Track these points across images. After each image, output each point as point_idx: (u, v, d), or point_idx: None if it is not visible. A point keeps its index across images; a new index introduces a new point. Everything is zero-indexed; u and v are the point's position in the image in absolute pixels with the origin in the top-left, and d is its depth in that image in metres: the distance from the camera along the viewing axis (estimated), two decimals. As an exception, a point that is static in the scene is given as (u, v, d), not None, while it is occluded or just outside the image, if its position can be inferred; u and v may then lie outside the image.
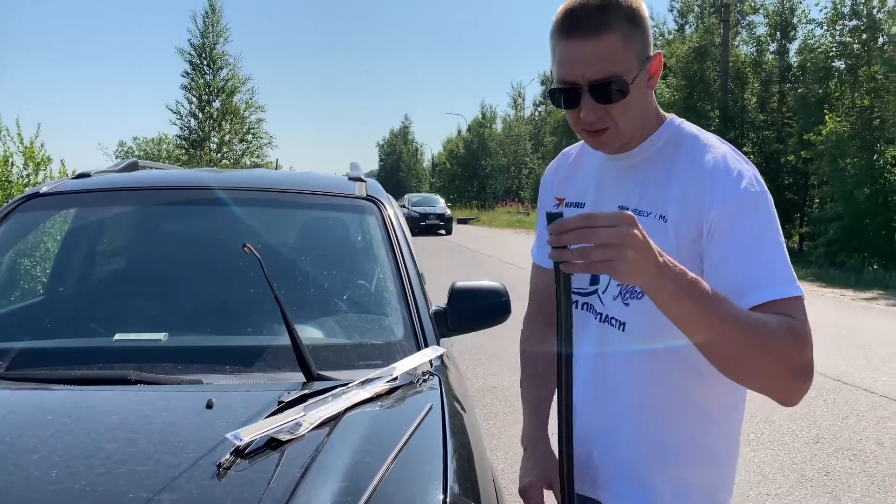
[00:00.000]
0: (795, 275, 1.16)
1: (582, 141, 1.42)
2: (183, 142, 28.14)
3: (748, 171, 1.20)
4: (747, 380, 1.14)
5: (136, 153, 29.40)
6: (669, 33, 34.82)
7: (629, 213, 1.00)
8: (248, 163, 28.66)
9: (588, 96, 1.20)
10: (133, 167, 3.01)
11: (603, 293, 1.32)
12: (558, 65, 1.22)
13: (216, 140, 28.00)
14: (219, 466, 1.25)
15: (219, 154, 27.62)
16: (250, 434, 1.33)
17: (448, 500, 1.22)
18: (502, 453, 4.17)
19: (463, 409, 1.73)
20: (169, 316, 2.02)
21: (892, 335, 8.03)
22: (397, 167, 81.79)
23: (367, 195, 2.48)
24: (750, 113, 22.53)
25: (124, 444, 1.34)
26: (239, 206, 2.43)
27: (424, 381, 1.71)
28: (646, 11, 1.24)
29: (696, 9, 31.09)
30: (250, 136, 28.71)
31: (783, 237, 1.19)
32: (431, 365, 1.82)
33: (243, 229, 2.44)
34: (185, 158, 26.91)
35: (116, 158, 29.07)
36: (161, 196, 2.41)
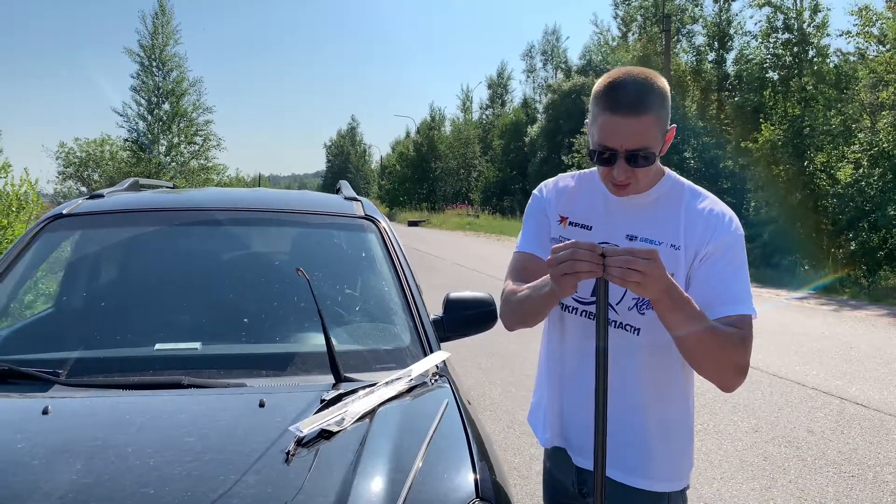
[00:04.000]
0: (752, 297, 1.58)
1: (580, 172, 1.81)
2: (132, 145, 27.64)
3: (734, 217, 1.63)
4: (704, 369, 1.56)
5: (78, 154, 28.65)
6: (614, 40, 35.87)
7: (655, 249, 1.38)
8: (196, 165, 28.34)
9: (622, 160, 1.53)
10: (136, 186, 3.24)
11: (617, 304, 1.64)
12: (600, 131, 1.53)
13: (165, 143, 27.63)
14: (287, 454, 1.53)
15: (168, 157, 27.24)
16: (307, 427, 1.61)
17: (478, 476, 1.52)
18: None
19: (469, 403, 2.03)
20: (200, 326, 2.25)
21: (820, 333, 8.69)
22: (345, 168, 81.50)
23: (366, 214, 2.77)
24: (691, 120, 23.49)
25: (201, 439, 1.60)
26: (251, 226, 2.68)
27: (436, 380, 2.01)
28: (668, 93, 1.56)
29: (639, 18, 32.16)
30: (199, 137, 28.39)
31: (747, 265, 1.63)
32: (438, 368, 2.11)
33: (257, 247, 2.69)
34: (133, 161, 26.43)
35: (57, 160, 28.33)
36: (180, 217, 2.64)
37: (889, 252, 14.01)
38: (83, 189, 27.57)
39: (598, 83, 1.58)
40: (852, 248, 14.72)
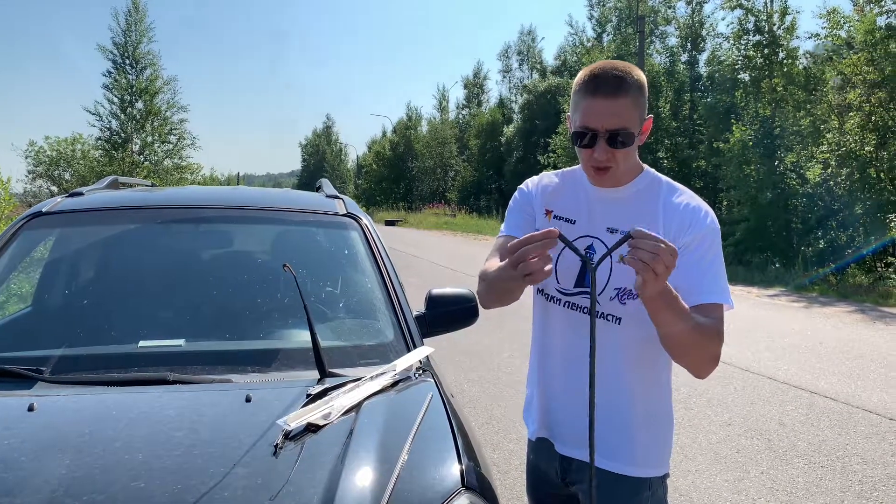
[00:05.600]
0: (728, 289, 1.63)
1: (563, 170, 1.87)
2: (104, 143, 27.27)
3: (710, 211, 1.69)
4: (683, 359, 1.62)
5: (49, 153, 28.22)
6: (588, 41, 36.15)
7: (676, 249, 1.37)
8: (171, 164, 28.03)
9: (603, 141, 1.60)
10: (115, 184, 3.23)
11: (599, 294, 1.68)
12: (582, 114, 1.60)
13: (139, 142, 27.29)
14: (275, 447, 1.55)
15: (141, 156, 26.91)
16: (294, 421, 1.63)
17: (463, 467, 1.56)
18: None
19: (452, 396, 2.07)
20: (184, 324, 2.26)
21: (791, 329, 8.88)
22: (321, 167, 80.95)
23: (348, 212, 2.79)
24: (664, 120, 23.79)
25: (189, 433, 1.62)
26: (234, 224, 2.69)
27: (419, 374, 2.04)
28: (645, 84, 1.64)
29: (614, 19, 32.47)
30: (173, 136, 28.07)
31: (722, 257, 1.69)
32: (421, 363, 2.15)
33: (240, 244, 2.70)
34: (105, 160, 26.09)
35: (27, 159, 27.89)
36: (162, 214, 2.64)
37: (857, 250, 14.34)
38: (54, 188, 27.14)
39: (579, 75, 1.66)
40: (821, 245, 15.05)
